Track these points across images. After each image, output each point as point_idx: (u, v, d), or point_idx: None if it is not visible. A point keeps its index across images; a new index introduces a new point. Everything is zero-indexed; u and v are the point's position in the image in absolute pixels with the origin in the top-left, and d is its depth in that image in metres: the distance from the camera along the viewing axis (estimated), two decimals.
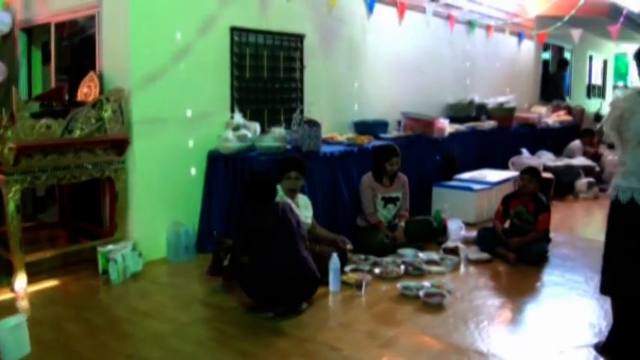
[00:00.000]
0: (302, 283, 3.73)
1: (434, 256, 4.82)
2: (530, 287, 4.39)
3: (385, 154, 5.22)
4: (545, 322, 3.73)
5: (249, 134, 5.06)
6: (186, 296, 4.08)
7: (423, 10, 7.38)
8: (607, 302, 3.48)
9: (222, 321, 3.64)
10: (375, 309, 3.78)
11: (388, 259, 4.72)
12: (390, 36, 7.05)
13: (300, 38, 5.88)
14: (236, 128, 5.05)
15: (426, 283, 4.15)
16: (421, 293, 3.96)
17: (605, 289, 3.27)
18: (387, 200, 5.26)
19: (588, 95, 14.39)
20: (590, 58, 14.52)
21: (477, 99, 8.38)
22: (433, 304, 3.87)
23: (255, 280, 3.67)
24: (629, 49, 17.34)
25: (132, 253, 4.43)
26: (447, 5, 7.82)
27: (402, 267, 4.52)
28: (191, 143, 4.98)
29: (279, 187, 4.33)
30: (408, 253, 4.85)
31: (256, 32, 5.45)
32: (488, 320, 3.68)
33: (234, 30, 5.24)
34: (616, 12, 10.11)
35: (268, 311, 3.65)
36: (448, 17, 7.95)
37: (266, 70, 5.60)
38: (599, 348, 3.22)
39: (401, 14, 6.94)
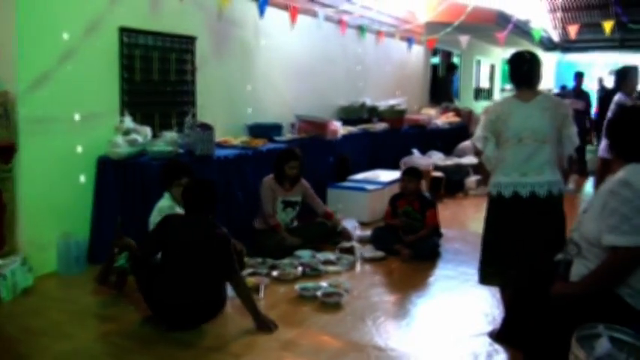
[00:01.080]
0: (198, 312, 3.53)
1: (330, 256, 4.89)
2: (425, 282, 4.56)
3: (285, 156, 5.24)
4: (441, 313, 3.90)
5: (140, 139, 4.88)
6: (81, 311, 3.85)
7: (314, 14, 7.48)
8: (498, 292, 3.69)
9: (120, 334, 3.47)
10: (274, 311, 3.77)
11: (285, 261, 4.73)
12: (282, 39, 7.08)
13: (191, 40, 5.77)
14: (126, 133, 4.86)
15: (324, 284, 4.20)
16: (319, 293, 4.00)
17: (486, 279, 3.54)
18: (287, 204, 5.28)
19: (476, 97, 15.14)
20: (478, 62, 15.27)
21: (369, 102, 8.60)
22: (331, 303, 3.93)
23: (156, 291, 3.51)
24: None
25: (21, 268, 4.11)
26: (338, 10, 7.96)
27: (300, 268, 4.54)
28: (80, 149, 4.73)
29: (167, 195, 4.21)
30: (304, 254, 4.88)
31: (146, 33, 5.28)
32: (385, 316, 3.79)
33: (123, 30, 5.05)
34: (503, 19, 10.72)
35: (162, 324, 3.51)
36: (339, 22, 8.10)
37: (157, 73, 5.44)
38: (494, 335, 3.41)
39: (293, 18, 6.99)
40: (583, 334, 2.23)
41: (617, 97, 6.51)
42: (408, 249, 5.04)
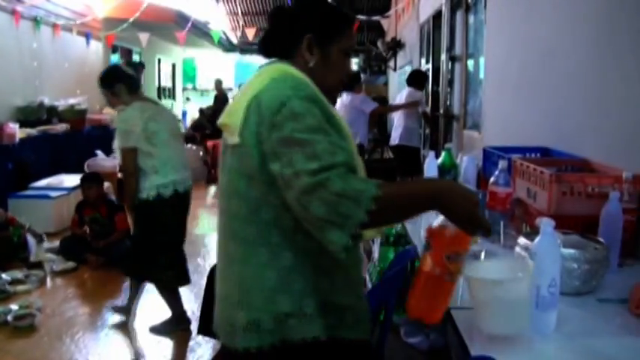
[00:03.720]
0: None
1: (18, 274, 4.58)
2: (120, 287, 4.58)
3: None
4: (140, 317, 4.00)
5: None
6: None
7: None
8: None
9: None
10: None
11: None
12: None
13: None
14: None
15: (14, 306, 3.96)
16: (9, 318, 3.78)
17: (178, 282, 3.76)
18: None
19: (159, 97, 15.18)
20: (159, 61, 15.31)
21: (47, 101, 8.07)
22: (25, 326, 3.75)
23: None
24: (195, 54, 18.99)
25: None
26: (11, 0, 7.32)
27: None
28: None
29: None
30: None
31: None
32: (82, 331, 3.78)
33: None
34: (182, 19, 10.99)
35: None
36: (13, 12, 7.44)
37: None
38: (198, 328, 3.64)
39: None
40: None
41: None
42: (98, 256, 4.99)
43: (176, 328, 3.71)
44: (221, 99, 11.98)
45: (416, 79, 7.19)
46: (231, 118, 1.44)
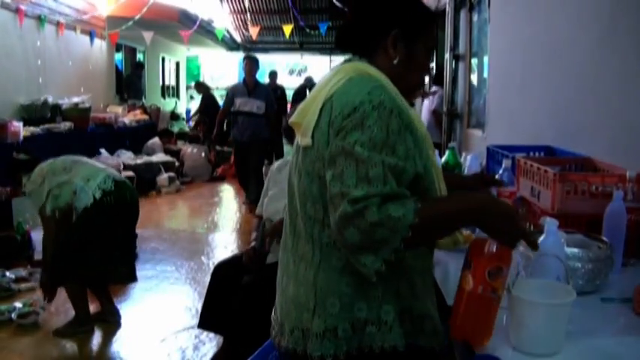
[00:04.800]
0: None
1: (22, 272, 4.59)
2: (124, 286, 4.50)
3: None
4: (144, 314, 4.03)
5: None
6: None
7: None
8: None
9: None
10: None
11: None
12: None
13: None
14: None
15: (18, 304, 3.95)
16: (14, 316, 3.78)
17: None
18: None
19: (163, 95, 15.21)
20: (163, 59, 15.32)
21: (51, 99, 8.07)
22: (28, 324, 3.75)
23: None
24: (199, 52, 19.01)
25: None
26: None
27: None
28: None
29: None
30: None
31: None
32: None
33: None
34: (186, 17, 10.99)
35: None
36: (17, 10, 7.44)
37: None
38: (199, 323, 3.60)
39: None
40: None
41: None
42: None
43: (79, 329, 3.69)
44: (207, 97, 11.75)
45: (439, 76, 7.55)
46: (304, 117, 1.40)
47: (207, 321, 3.18)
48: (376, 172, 1.24)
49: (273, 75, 11.69)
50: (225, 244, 6.02)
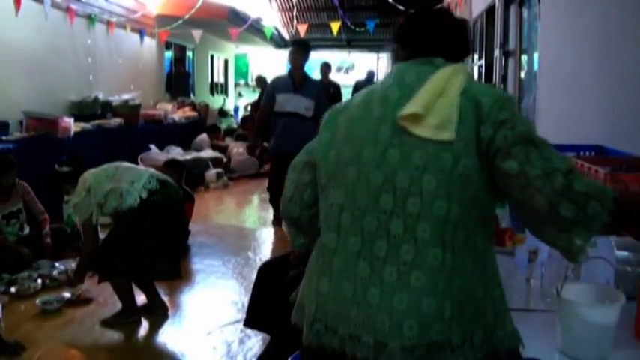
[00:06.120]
0: None
1: (72, 263, 4.58)
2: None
3: (2, 168, 4.61)
4: (192, 307, 4.03)
5: None
6: None
7: (40, 1, 6.88)
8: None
9: None
10: (16, 333, 3.44)
11: (24, 274, 4.30)
12: (5, 28, 6.37)
13: None
14: None
15: (67, 294, 3.97)
16: (61, 305, 3.81)
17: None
18: (9, 216, 4.72)
19: (212, 92, 15.36)
20: (212, 57, 15.47)
21: (102, 96, 8.20)
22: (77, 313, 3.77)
23: None
24: (248, 50, 19.14)
25: None
26: None
27: (39, 280, 4.22)
28: None
29: None
30: (43, 264, 4.54)
31: None
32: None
33: None
34: (235, 16, 11.05)
35: None
36: (67, 10, 7.58)
37: None
38: (245, 321, 3.56)
39: (17, 4, 6.32)
40: None
41: None
42: None
43: (126, 320, 3.67)
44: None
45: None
46: (429, 110, 1.34)
47: (252, 320, 3.12)
48: (554, 150, 1.29)
49: (325, 67, 10.05)
50: (272, 240, 5.96)
